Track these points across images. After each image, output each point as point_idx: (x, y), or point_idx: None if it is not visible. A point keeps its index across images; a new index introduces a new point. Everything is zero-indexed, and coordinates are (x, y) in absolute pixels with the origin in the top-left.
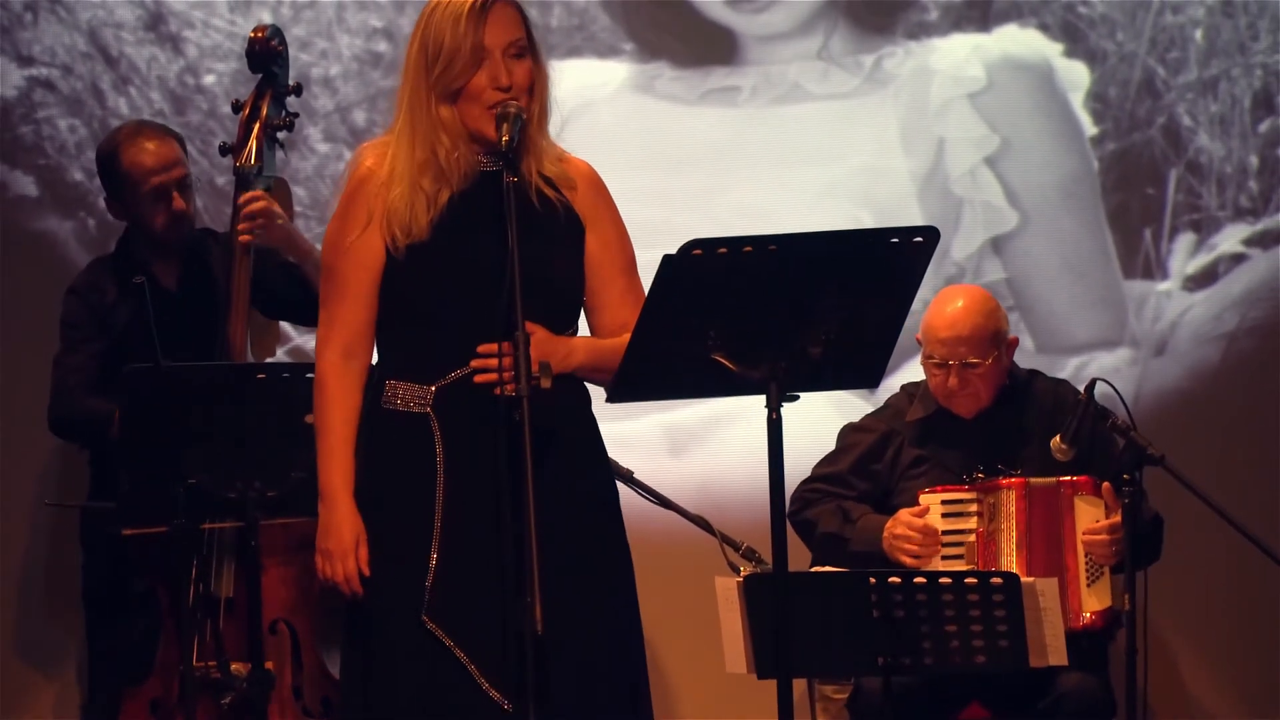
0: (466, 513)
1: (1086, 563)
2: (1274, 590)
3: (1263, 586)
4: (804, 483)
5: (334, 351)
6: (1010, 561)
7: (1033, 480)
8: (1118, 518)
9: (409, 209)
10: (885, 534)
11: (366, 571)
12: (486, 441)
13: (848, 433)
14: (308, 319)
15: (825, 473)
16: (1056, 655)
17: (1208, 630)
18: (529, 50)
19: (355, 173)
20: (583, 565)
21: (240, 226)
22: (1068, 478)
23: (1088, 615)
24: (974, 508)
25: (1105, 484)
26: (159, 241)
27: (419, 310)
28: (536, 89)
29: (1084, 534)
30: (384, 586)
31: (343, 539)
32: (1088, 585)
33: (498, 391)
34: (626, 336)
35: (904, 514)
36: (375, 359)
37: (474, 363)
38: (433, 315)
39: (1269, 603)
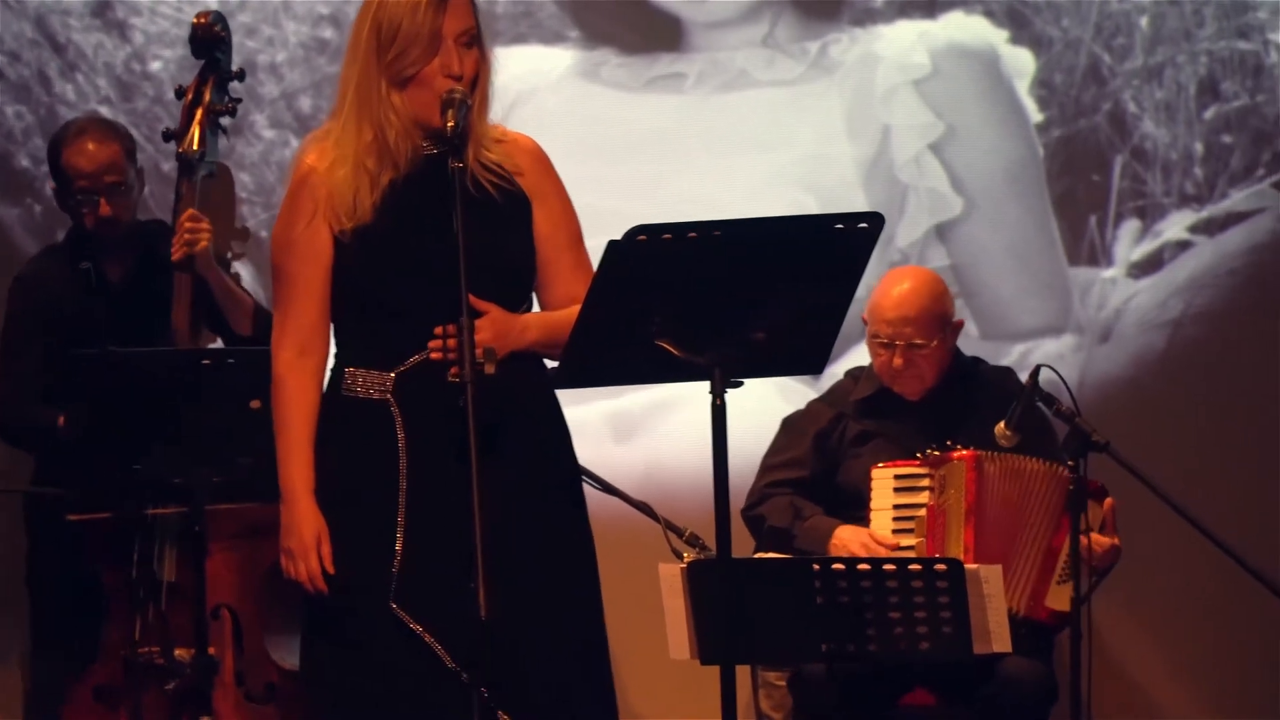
0: (430, 498)
1: (1066, 562)
2: (1218, 576)
3: (1207, 572)
4: (763, 481)
5: (289, 349)
6: (959, 535)
7: (987, 453)
8: (1118, 540)
9: (353, 191)
10: (836, 542)
11: (330, 569)
12: (447, 426)
13: (797, 418)
14: (227, 343)
15: (783, 460)
16: (1000, 642)
17: (1151, 616)
18: (478, 40)
19: (297, 171)
20: (546, 552)
21: (175, 241)
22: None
23: (1049, 608)
24: (925, 482)
25: (1109, 501)
26: (96, 237)
27: (373, 297)
28: (480, 78)
29: (1083, 537)
30: (350, 575)
31: (304, 538)
32: (1058, 583)
33: (452, 376)
34: (576, 309)
35: (864, 535)
36: (333, 350)
37: (431, 343)
38: (387, 302)
39: (1213, 588)
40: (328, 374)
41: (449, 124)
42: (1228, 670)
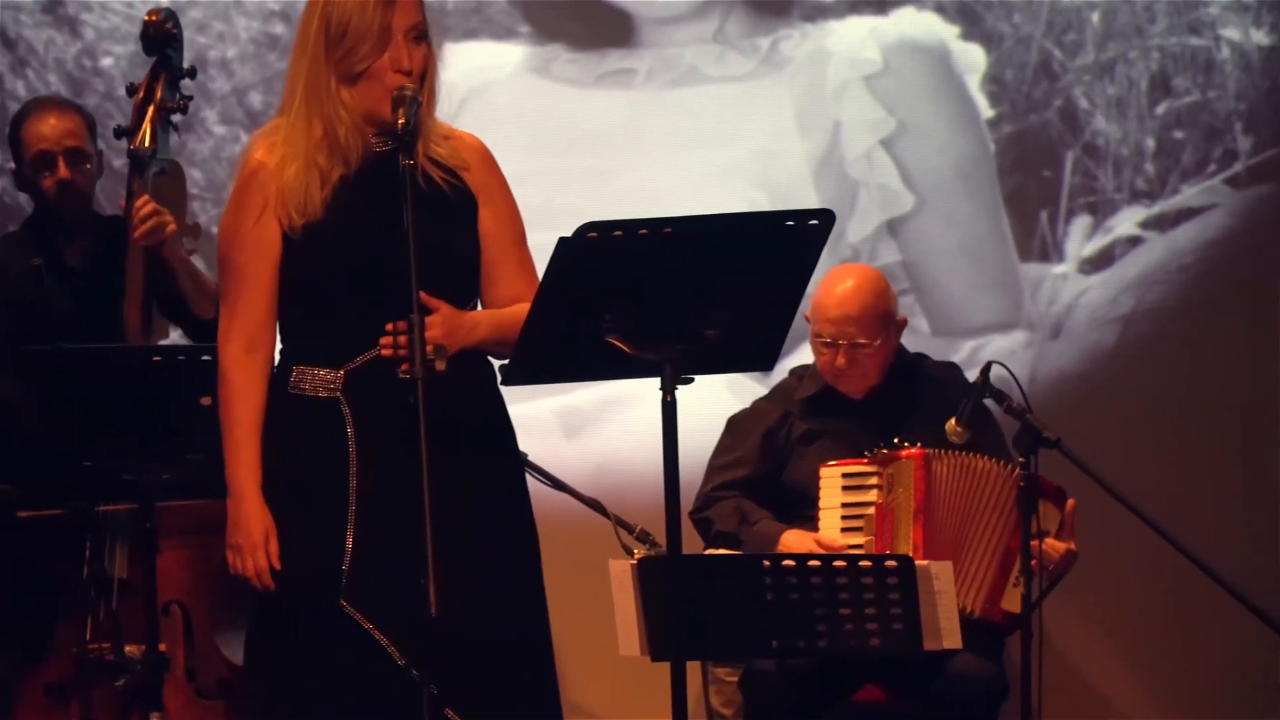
0: (380, 495)
1: (1021, 562)
2: (1169, 572)
3: (1157, 569)
4: (710, 485)
5: (236, 344)
6: (908, 533)
7: (936, 451)
8: (1074, 545)
9: (304, 187)
10: (783, 548)
11: (277, 565)
12: (397, 423)
13: (741, 418)
14: (187, 331)
15: (729, 460)
16: (950, 638)
17: (1101, 613)
18: (426, 33)
19: (246, 165)
20: (493, 549)
21: (136, 233)
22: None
23: (1004, 610)
24: (874, 480)
25: (1070, 503)
26: (58, 214)
27: (323, 295)
28: (429, 73)
29: (1042, 541)
30: (299, 573)
31: (251, 534)
32: (1014, 585)
33: (403, 373)
34: (524, 306)
35: (810, 541)
36: (279, 347)
37: (382, 340)
38: (337, 299)
39: (1164, 585)
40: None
41: (400, 121)
42: (1178, 667)
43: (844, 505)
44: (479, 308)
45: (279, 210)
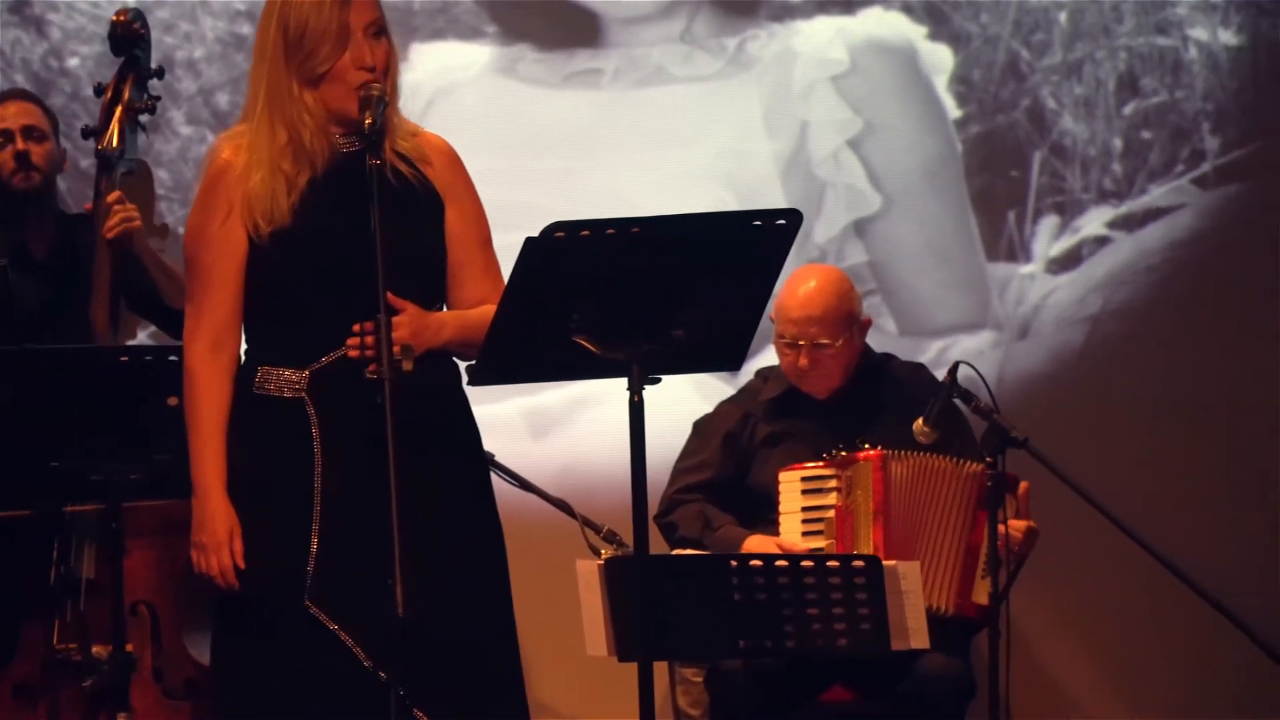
0: (346, 496)
1: (987, 555)
2: (1136, 572)
3: (1125, 568)
4: (673, 488)
5: (202, 344)
6: (868, 534)
7: (894, 452)
8: (1033, 522)
9: (270, 195)
10: (745, 553)
11: (241, 564)
12: (363, 424)
13: (706, 421)
14: (159, 323)
15: (692, 463)
16: (918, 638)
17: (1069, 612)
18: (385, 29)
19: (213, 165)
20: (460, 549)
21: (107, 226)
22: (986, 467)
23: (977, 604)
24: (833, 483)
25: (1024, 485)
26: (20, 196)
27: (289, 296)
28: (390, 68)
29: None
30: (265, 574)
31: (216, 532)
32: (981, 576)
33: (370, 374)
34: (490, 308)
35: (771, 545)
36: (245, 347)
37: (349, 340)
38: (303, 300)
39: (1131, 584)
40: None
41: (368, 121)
42: (1146, 666)
43: (804, 509)
44: (444, 309)
45: (245, 217)
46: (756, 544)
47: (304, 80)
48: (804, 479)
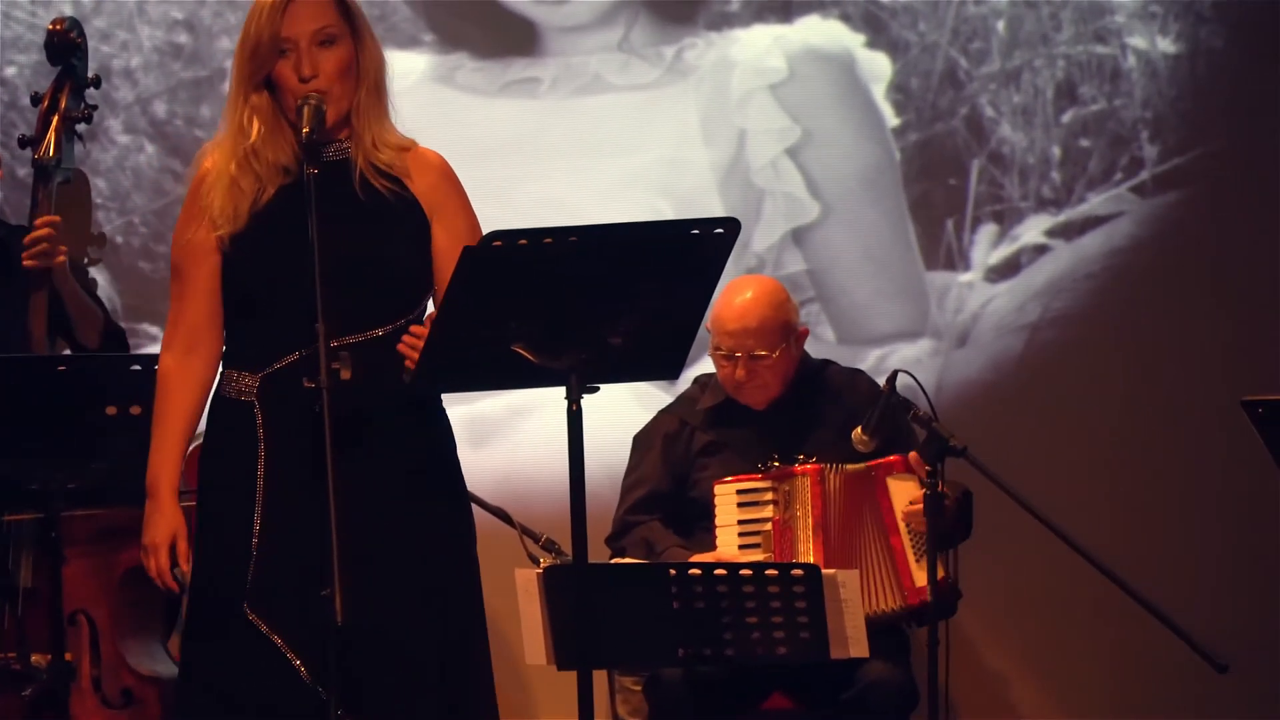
0: (287, 502)
1: (911, 538)
2: (1074, 578)
3: (1066, 578)
4: (621, 509)
5: (177, 347)
6: (807, 549)
7: (846, 466)
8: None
9: (231, 199)
10: None
11: (185, 567)
12: (310, 430)
13: (644, 433)
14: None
15: (635, 479)
16: (857, 647)
17: (1010, 621)
18: (344, 36)
19: (196, 174)
20: (417, 555)
21: (26, 255)
22: (876, 460)
23: (921, 585)
24: (769, 496)
25: (912, 454)
26: None
27: (246, 300)
28: (363, 72)
29: (905, 510)
30: (210, 576)
31: (156, 534)
32: (916, 561)
33: (306, 383)
34: None
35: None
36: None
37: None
38: (257, 305)
39: (1072, 594)
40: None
41: (304, 129)
42: (1085, 671)
43: (740, 522)
44: (422, 320)
45: (209, 222)
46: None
47: (254, 87)
48: (739, 491)
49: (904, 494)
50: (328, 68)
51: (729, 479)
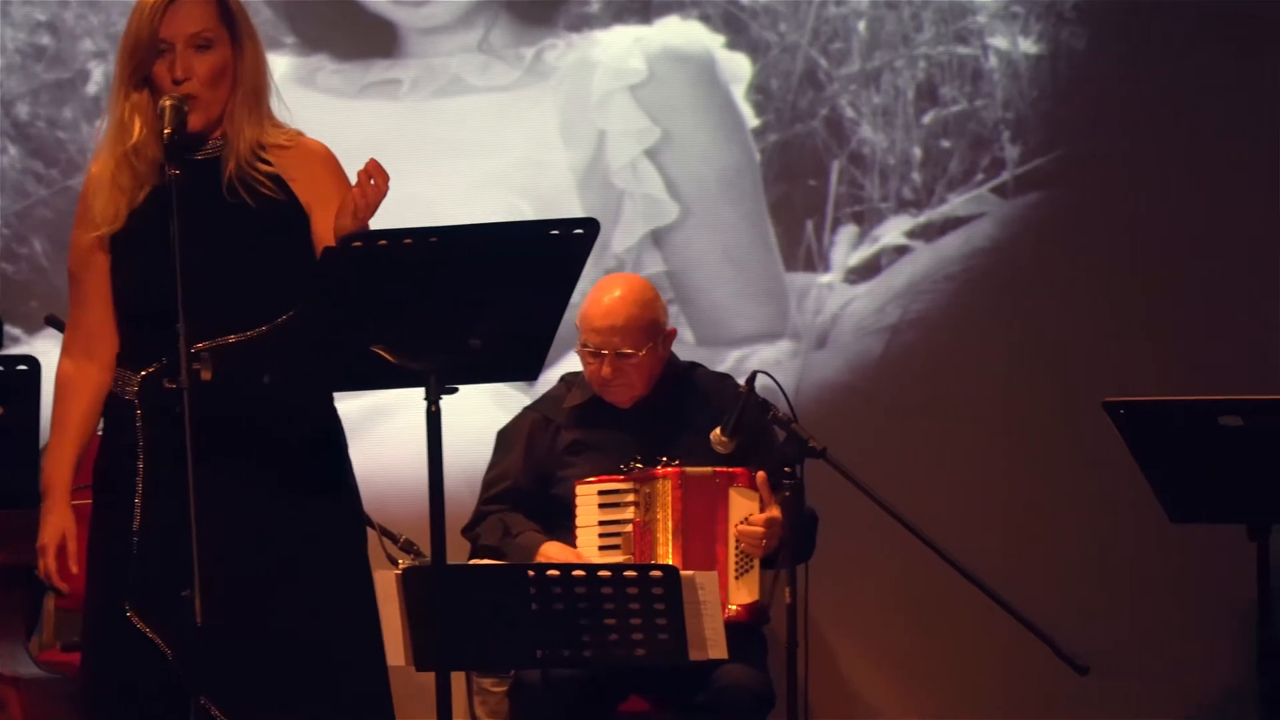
0: (164, 501)
1: (736, 555)
2: (933, 579)
3: (925, 579)
4: (481, 500)
5: (75, 350)
6: (666, 552)
7: (688, 469)
8: (774, 512)
9: (110, 199)
10: (541, 560)
11: (73, 568)
12: (182, 430)
13: (509, 429)
14: None
15: (496, 474)
16: (716, 648)
17: (868, 623)
18: (221, 41)
19: (85, 178)
20: (291, 554)
21: None
22: (723, 468)
23: (733, 608)
24: (630, 498)
25: (760, 474)
26: None
27: (126, 302)
28: (240, 77)
29: (737, 527)
30: (98, 574)
31: (45, 535)
32: (735, 578)
33: (167, 384)
34: None
35: (569, 554)
36: None
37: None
38: (134, 306)
39: (930, 595)
40: None
41: (166, 130)
42: (944, 673)
43: (601, 523)
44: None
45: (91, 223)
46: (555, 550)
47: (135, 88)
48: (601, 493)
49: (741, 509)
50: (201, 71)
51: (591, 479)
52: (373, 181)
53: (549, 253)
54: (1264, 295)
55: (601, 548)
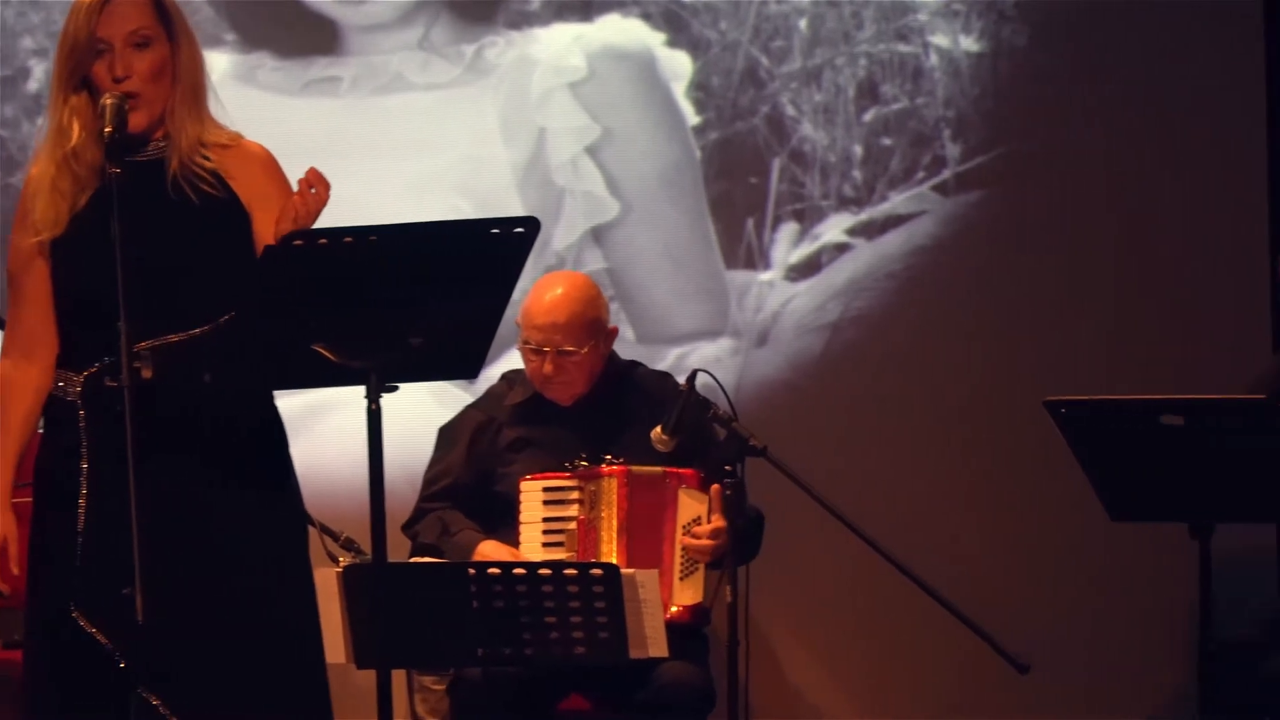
0: (108, 501)
1: (682, 557)
2: (874, 577)
3: (867, 578)
4: (421, 497)
5: (14, 353)
6: (610, 550)
7: (635, 468)
8: (722, 522)
9: (51, 202)
10: (478, 559)
11: (14, 570)
12: (124, 429)
13: (450, 426)
14: None
15: (437, 471)
16: (656, 647)
17: (810, 622)
18: (159, 39)
19: (26, 179)
20: (237, 555)
21: None
22: (674, 469)
23: (676, 608)
24: (575, 495)
25: (715, 485)
26: None
27: (67, 302)
28: (179, 74)
29: (684, 532)
30: (40, 576)
31: None
32: (680, 579)
33: (109, 382)
34: None
35: (505, 553)
36: None
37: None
38: (74, 306)
39: (871, 593)
40: None
41: (106, 129)
42: (885, 672)
43: (545, 520)
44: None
45: (32, 228)
46: (491, 549)
47: (75, 89)
48: (546, 489)
49: (690, 511)
50: (141, 69)
51: (535, 476)
52: (313, 190)
53: (490, 251)
54: (1199, 289)
55: (545, 545)
